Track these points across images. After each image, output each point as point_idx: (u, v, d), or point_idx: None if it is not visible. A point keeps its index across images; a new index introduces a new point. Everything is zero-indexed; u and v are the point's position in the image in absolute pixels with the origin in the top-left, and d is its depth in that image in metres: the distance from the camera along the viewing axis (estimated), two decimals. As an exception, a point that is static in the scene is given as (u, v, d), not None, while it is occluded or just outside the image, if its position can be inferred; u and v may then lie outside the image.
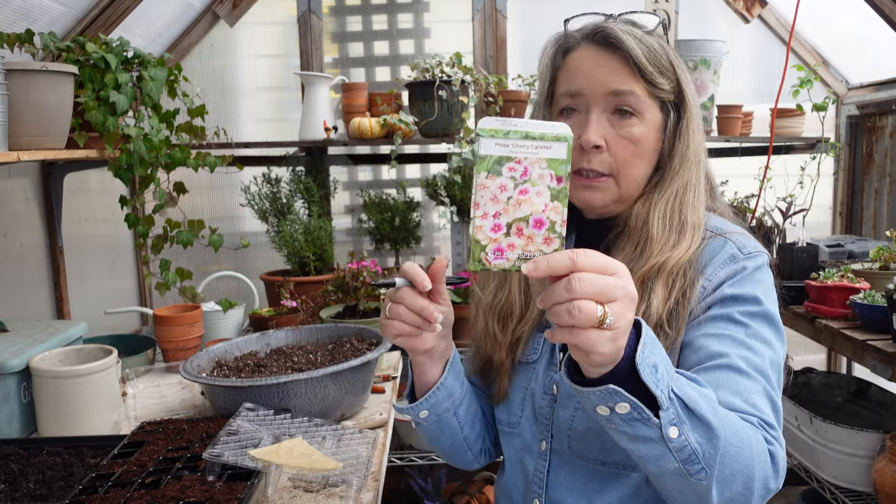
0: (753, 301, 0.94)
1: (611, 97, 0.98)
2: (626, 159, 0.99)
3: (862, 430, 1.98)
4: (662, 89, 0.99)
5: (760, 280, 0.97)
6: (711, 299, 0.96)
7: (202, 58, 2.87)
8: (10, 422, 1.47)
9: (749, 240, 1.01)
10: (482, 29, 2.85)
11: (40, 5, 1.96)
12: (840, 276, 2.01)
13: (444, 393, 1.04)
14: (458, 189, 2.61)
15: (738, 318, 0.93)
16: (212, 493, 1.11)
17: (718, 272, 0.97)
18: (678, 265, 0.97)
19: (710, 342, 0.92)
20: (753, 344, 0.91)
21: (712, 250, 1.00)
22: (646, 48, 0.98)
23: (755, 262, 0.98)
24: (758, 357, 0.91)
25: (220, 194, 2.95)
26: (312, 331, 1.84)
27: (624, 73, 0.97)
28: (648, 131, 1.00)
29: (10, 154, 1.50)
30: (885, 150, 2.80)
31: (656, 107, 1.00)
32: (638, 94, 0.98)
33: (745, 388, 0.87)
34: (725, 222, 1.05)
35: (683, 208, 1.01)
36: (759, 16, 2.92)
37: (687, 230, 1.00)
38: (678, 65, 1.02)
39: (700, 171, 1.04)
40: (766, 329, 0.94)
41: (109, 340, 2.02)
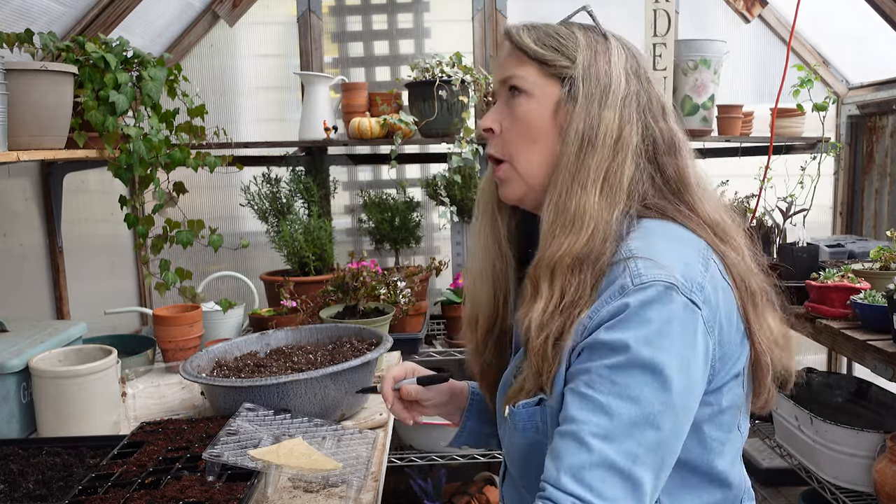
0: (623, 350, 0.81)
1: (503, 84, 1.00)
2: (513, 139, 0.98)
3: (862, 431, 1.98)
4: (556, 64, 0.96)
5: (645, 320, 0.82)
6: (588, 342, 0.85)
7: (202, 58, 2.86)
8: (10, 422, 1.47)
9: (652, 266, 0.85)
10: (482, 29, 2.85)
11: (40, 5, 1.96)
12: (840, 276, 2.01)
13: (467, 435, 1.21)
14: (458, 189, 2.61)
15: (603, 372, 0.82)
16: (212, 494, 1.11)
17: (603, 308, 0.85)
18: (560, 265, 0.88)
19: (571, 401, 0.84)
20: (612, 406, 0.81)
21: (609, 280, 0.87)
22: (539, 33, 0.99)
23: (644, 295, 0.83)
24: (613, 422, 0.80)
25: (219, 194, 2.95)
26: (312, 331, 1.84)
27: (513, 59, 0.99)
28: (538, 107, 0.96)
29: (9, 154, 1.50)
30: (885, 150, 2.80)
31: (553, 83, 0.96)
32: (523, 74, 0.97)
33: (579, 463, 0.80)
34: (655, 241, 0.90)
35: (567, 196, 0.91)
36: (759, 15, 2.92)
37: (569, 221, 0.90)
38: (587, 43, 0.97)
39: (601, 153, 0.92)
40: (636, 383, 0.81)
41: (109, 340, 2.01)
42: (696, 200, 0.97)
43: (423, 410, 1.18)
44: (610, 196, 0.91)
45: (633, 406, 0.81)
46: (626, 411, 0.81)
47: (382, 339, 1.69)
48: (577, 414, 0.82)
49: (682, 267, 0.86)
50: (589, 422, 0.81)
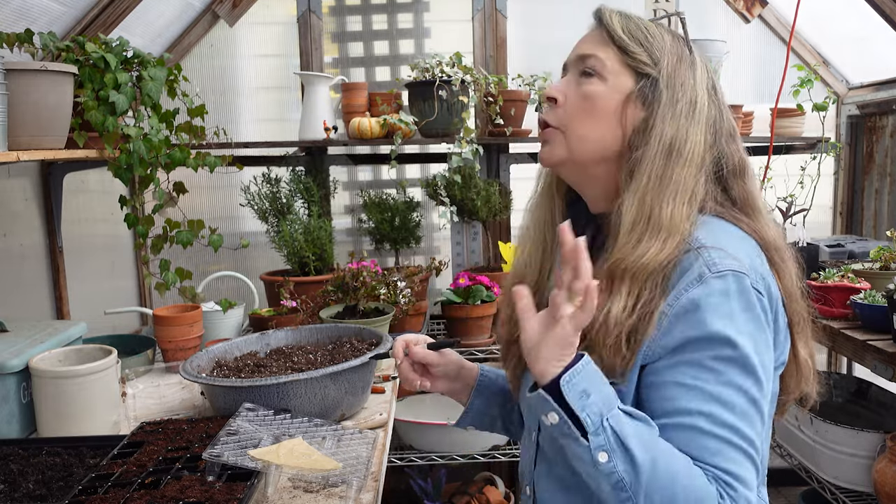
0: (725, 343, 0.87)
1: (579, 61, 1.02)
2: (574, 113, 1.01)
3: (862, 431, 1.98)
4: (635, 57, 0.99)
5: (731, 309, 0.88)
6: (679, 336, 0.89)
7: (202, 57, 2.86)
8: (10, 422, 1.47)
9: (727, 257, 0.90)
10: (482, 29, 2.85)
11: (40, 5, 1.96)
12: (840, 276, 2.01)
13: (474, 414, 1.24)
14: (458, 189, 2.61)
15: (708, 364, 0.88)
16: (211, 494, 1.11)
17: (682, 295, 0.89)
18: (643, 270, 0.91)
19: (678, 394, 0.89)
20: (722, 393, 0.87)
21: (682, 269, 0.91)
22: (630, 23, 1.01)
23: (723, 283, 0.88)
24: (726, 411, 0.87)
25: (219, 194, 2.95)
26: (312, 331, 1.84)
27: (597, 40, 1.02)
28: (608, 92, 0.99)
29: (9, 154, 1.50)
30: (885, 150, 2.80)
31: (628, 75, 0.99)
32: (602, 57, 1.00)
33: (707, 450, 0.87)
34: (719, 233, 0.95)
35: (653, 202, 0.94)
36: (759, 15, 2.92)
37: (660, 231, 0.92)
38: (673, 51, 1.00)
39: (687, 168, 0.96)
40: (738, 374, 0.88)
41: (109, 340, 2.01)
42: (762, 223, 1.01)
43: (433, 379, 1.20)
44: (691, 207, 0.95)
45: (739, 393, 0.87)
46: (735, 399, 0.87)
47: (382, 339, 1.69)
48: (689, 405, 0.88)
49: (747, 258, 0.92)
50: (704, 411, 0.87)
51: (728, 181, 1.02)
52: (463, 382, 1.23)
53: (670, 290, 0.91)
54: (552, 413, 0.84)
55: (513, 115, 2.63)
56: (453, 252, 2.97)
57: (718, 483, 0.86)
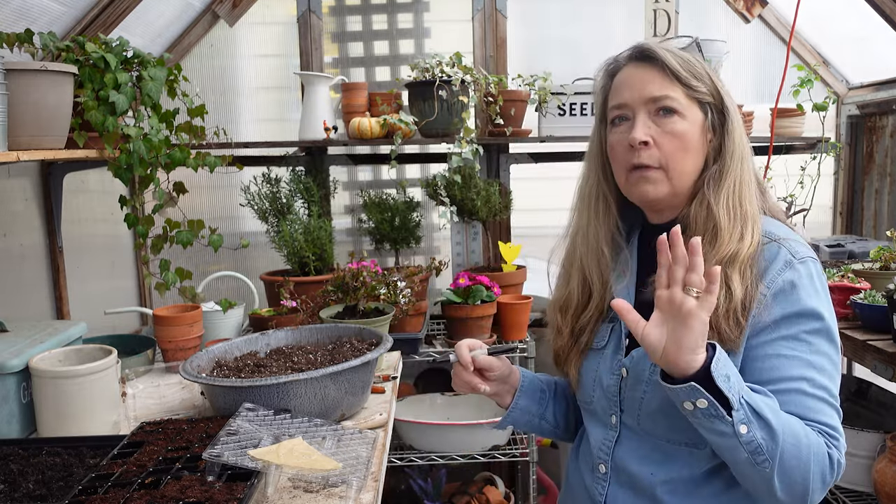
0: (815, 317, 1.06)
1: (651, 102, 1.13)
2: (672, 152, 1.12)
3: (862, 431, 1.98)
4: (699, 91, 1.13)
5: (816, 288, 1.08)
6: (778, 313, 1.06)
7: (202, 57, 2.86)
8: (10, 422, 1.47)
9: (801, 245, 1.11)
10: (482, 29, 2.85)
11: (40, 5, 1.96)
12: (840, 276, 2.01)
13: (517, 413, 1.34)
14: (458, 189, 2.61)
15: (803, 337, 1.06)
16: (211, 494, 1.11)
17: (776, 279, 1.07)
18: (746, 257, 1.08)
19: (781, 364, 1.05)
20: (817, 361, 1.05)
21: (769, 256, 1.09)
22: (679, 58, 1.13)
23: (808, 267, 1.08)
24: (821, 375, 1.05)
25: (219, 194, 2.95)
26: (312, 331, 1.84)
27: (661, 79, 1.13)
28: (691, 127, 1.13)
29: (9, 154, 1.50)
30: (885, 150, 2.80)
31: (696, 107, 1.14)
32: (675, 96, 1.12)
33: (812, 409, 1.04)
34: (778, 226, 1.15)
35: (743, 200, 1.12)
36: (759, 15, 2.92)
37: (749, 222, 1.11)
38: (712, 72, 1.16)
39: (749, 168, 1.16)
40: (825, 343, 1.06)
41: (109, 340, 2.01)
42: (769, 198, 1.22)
43: (487, 382, 1.30)
44: (756, 199, 1.16)
45: (827, 359, 1.06)
46: (825, 363, 1.06)
47: (382, 339, 1.69)
48: (792, 372, 1.05)
49: (808, 246, 1.13)
50: (803, 376, 1.04)
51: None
52: (510, 384, 1.33)
53: (761, 273, 1.08)
54: (701, 399, 0.95)
55: (513, 115, 2.63)
56: (453, 252, 2.97)
57: (824, 436, 1.03)
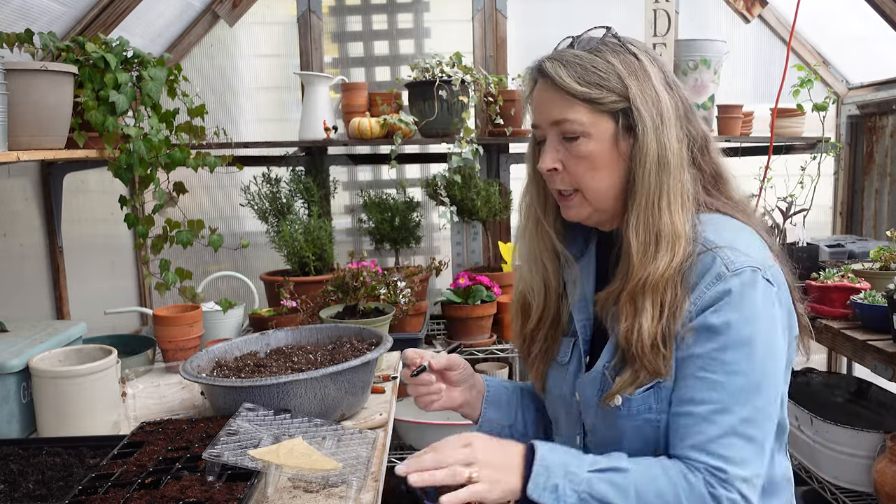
0: (731, 331, 0.96)
1: (555, 126, 1.05)
2: (582, 174, 1.05)
3: (862, 431, 1.98)
4: (604, 102, 1.02)
5: (748, 301, 0.96)
6: (697, 324, 0.97)
7: (202, 57, 2.86)
8: (10, 422, 1.47)
9: (740, 253, 0.99)
10: (482, 29, 2.85)
11: (40, 5, 1.96)
12: (840, 276, 2.01)
13: (488, 425, 1.26)
14: (458, 189, 2.61)
15: (714, 355, 0.96)
16: (211, 494, 1.11)
17: (705, 294, 0.98)
18: (662, 280, 0.98)
19: (688, 384, 0.98)
20: (727, 382, 0.95)
21: (702, 268, 0.99)
22: (577, 68, 1.02)
23: (740, 279, 0.97)
24: (729, 397, 0.95)
25: (219, 194, 2.95)
26: (312, 331, 1.84)
27: (560, 101, 1.03)
28: (599, 145, 1.03)
29: (9, 154, 1.50)
30: (885, 150, 2.80)
31: (606, 119, 1.03)
32: (575, 118, 1.02)
33: (711, 438, 0.95)
34: (723, 228, 1.04)
35: (655, 217, 1.01)
36: (759, 15, 2.92)
37: (663, 242, 1.00)
38: (627, 72, 1.02)
39: (675, 173, 1.02)
40: (741, 357, 0.95)
41: (109, 340, 2.01)
42: (732, 189, 1.10)
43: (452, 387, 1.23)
44: (685, 209, 1.02)
45: (742, 378, 0.95)
46: (737, 383, 0.95)
47: (382, 339, 1.69)
48: (695, 395, 0.97)
49: (756, 252, 1.01)
50: (708, 400, 0.95)
51: (700, 161, 1.07)
52: (477, 390, 1.27)
53: (691, 289, 0.99)
54: None
55: (513, 115, 2.63)
56: (453, 252, 2.97)
57: (709, 474, 0.94)
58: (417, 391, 1.21)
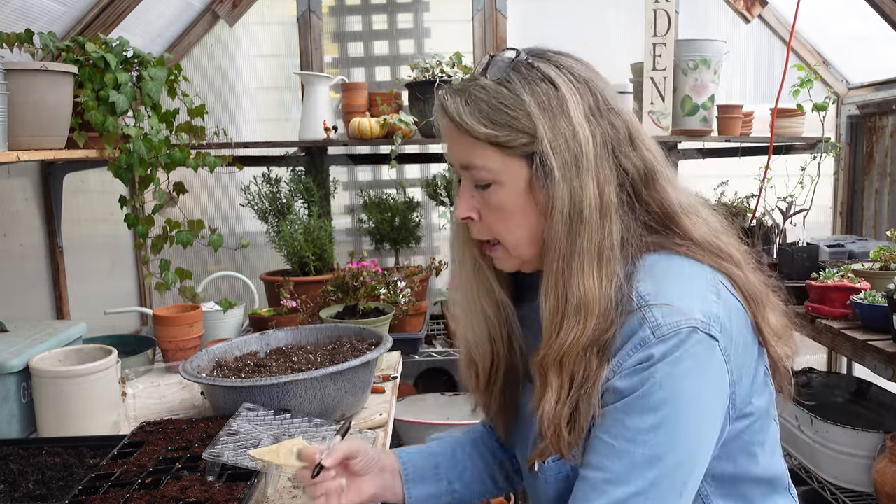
0: (640, 396, 0.83)
1: (464, 170, 0.93)
2: (494, 225, 0.93)
3: (862, 431, 1.98)
4: (513, 145, 0.88)
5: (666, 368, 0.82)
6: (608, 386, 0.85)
7: (202, 57, 2.86)
8: (10, 422, 1.47)
9: (672, 312, 0.83)
10: (482, 29, 2.85)
11: (40, 5, 1.96)
12: (840, 276, 2.01)
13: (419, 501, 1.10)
14: (458, 189, 2.61)
15: (617, 417, 0.84)
16: (211, 494, 1.11)
17: (625, 361, 0.84)
18: (570, 354, 0.86)
19: (591, 445, 0.87)
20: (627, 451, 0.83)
21: (628, 331, 0.85)
22: (481, 104, 0.88)
23: (667, 346, 0.82)
24: (625, 467, 0.83)
25: (219, 194, 2.95)
26: (312, 331, 1.84)
27: (466, 142, 0.90)
28: (512, 193, 0.90)
29: (9, 154, 1.50)
30: (885, 150, 2.80)
31: (518, 162, 0.89)
32: (482, 164, 0.90)
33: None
34: (666, 277, 0.88)
35: (565, 281, 0.87)
36: (759, 16, 2.92)
37: (571, 310, 0.86)
38: (538, 105, 0.87)
39: (590, 227, 0.87)
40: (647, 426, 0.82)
41: (109, 340, 2.01)
42: (688, 227, 0.93)
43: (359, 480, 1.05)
44: (608, 268, 0.87)
45: (645, 448, 0.83)
46: (637, 453, 0.83)
47: (382, 339, 1.69)
48: (592, 459, 0.86)
49: (700, 304, 0.85)
50: (603, 467, 0.85)
51: (643, 197, 0.92)
52: (389, 471, 1.09)
53: (614, 353, 0.86)
54: None
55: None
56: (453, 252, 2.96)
57: None
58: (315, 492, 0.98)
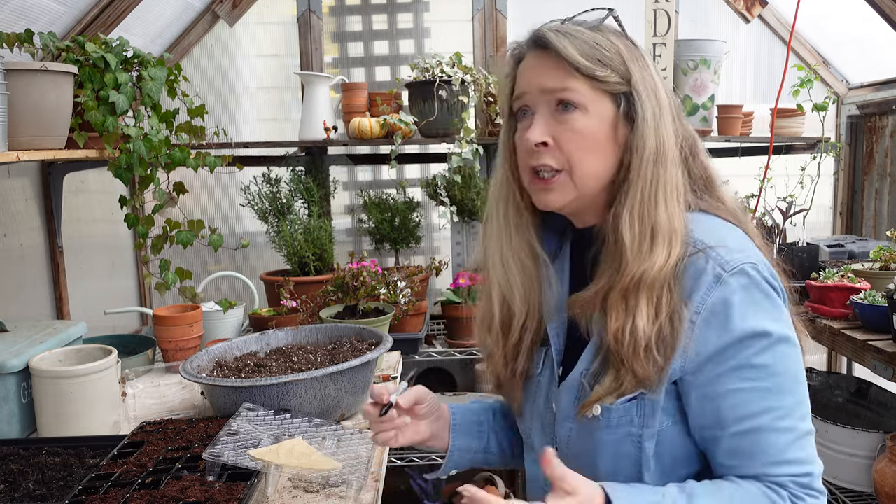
0: (762, 336, 0.90)
1: (549, 94, 0.97)
2: (573, 152, 0.97)
3: (862, 431, 1.98)
4: (607, 81, 0.96)
5: (755, 299, 0.91)
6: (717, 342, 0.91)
7: (202, 58, 2.86)
8: (10, 422, 1.47)
9: (734, 251, 0.93)
10: (482, 29, 2.85)
11: (40, 5, 1.96)
12: (840, 277, 2.01)
13: (457, 455, 1.18)
14: (458, 189, 2.61)
15: (754, 362, 0.90)
16: (212, 493, 1.11)
17: (706, 300, 0.91)
18: (659, 277, 0.92)
19: (739, 400, 0.91)
20: (776, 384, 0.91)
21: (695, 272, 0.92)
22: (581, 43, 0.96)
23: (741, 279, 0.91)
24: (783, 397, 0.91)
25: (219, 194, 2.95)
26: (312, 331, 1.84)
27: (559, 71, 0.96)
28: (595, 123, 0.96)
29: (9, 154, 1.50)
30: (885, 150, 2.80)
31: (606, 100, 0.97)
32: (575, 88, 0.96)
33: (776, 448, 0.91)
34: (714, 228, 0.98)
35: (651, 210, 0.94)
36: (759, 15, 2.92)
37: (659, 237, 0.93)
38: (629, 55, 0.97)
39: (671, 168, 0.96)
40: (781, 358, 0.91)
41: (109, 340, 2.01)
42: (722, 194, 1.04)
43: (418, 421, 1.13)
44: (680, 205, 0.97)
45: (788, 378, 0.91)
46: (786, 382, 0.91)
47: (382, 339, 1.69)
48: (749, 408, 0.90)
49: (749, 249, 0.96)
50: (766, 409, 0.90)
51: (688, 160, 1.02)
52: (443, 419, 1.18)
53: (688, 294, 0.92)
54: None
55: (513, 115, 2.63)
56: (453, 252, 2.97)
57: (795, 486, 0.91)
58: (381, 428, 1.09)
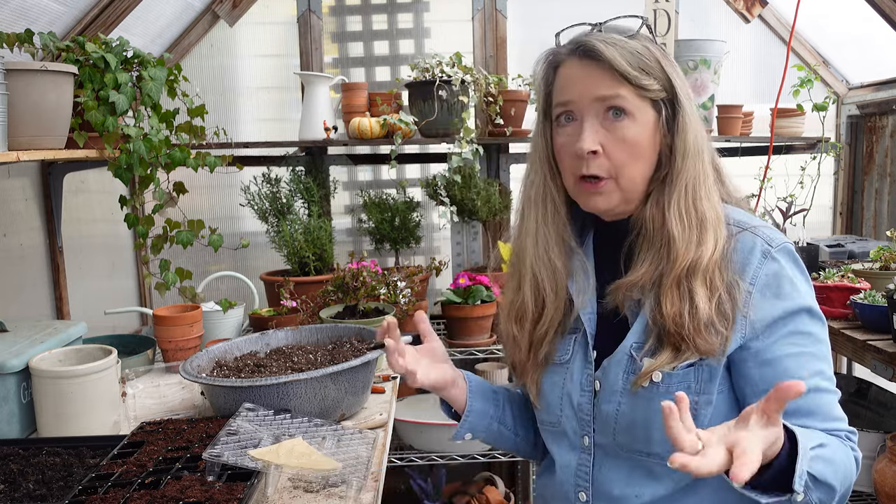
0: (807, 307, 1.02)
1: (599, 102, 1.02)
2: (623, 161, 1.03)
3: (862, 431, 1.97)
4: (651, 89, 1.02)
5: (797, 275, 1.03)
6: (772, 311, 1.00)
7: (202, 58, 2.86)
8: (10, 422, 1.47)
9: (773, 231, 1.05)
10: (482, 29, 2.85)
11: (39, 5, 1.96)
12: (840, 276, 2.01)
13: (474, 417, 1.20)
14: (458, 189, 2.61)
15: (803, 329, 1.01)
16: (212, 494, 1.11)
17: (759, 273, 1.01)
18: (711, 263, 1.00)
19: (792, 364, 1.00)
20: (820, 350, 1.02)
21: (744, 248, 1.03)
22: (627, 53, 1.02)
23: (787, 255, 1.03)
24: (824, 362, 1.02)
25: (219, 194, 2.95)
26: (312, 331, 1.84)
27: (609, 79, 1.02)
28: (643, 131, 1.03)
29: (9, 154, 1.50)
30: (885, 150, 2.80)
31: (648, 106, 1.03)
32: (625, 95, 1.01)
33: (828, 406, 1.01)
34: (746, 214, 1.08)
35: (697, 204, 1.03)
36: (759, 15, 2.92)
37: (707, 226, 1.02)
38: (665, 62, 1.04)
39: (704, 163, 1.05)
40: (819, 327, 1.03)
41: (109, 340, 2.01)
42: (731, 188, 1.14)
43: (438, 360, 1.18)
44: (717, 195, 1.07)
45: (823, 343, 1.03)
46: (824, 349, 1.03)
47: (382, 339, 1.69)
48: (804, 371, 0.99)
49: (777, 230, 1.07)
50: (816, 372, 1.00)
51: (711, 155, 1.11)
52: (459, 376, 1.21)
53: (740, 268, 1.02)
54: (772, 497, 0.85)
55: (513, 115, 2.63)
56: (453, 252, 2.97)
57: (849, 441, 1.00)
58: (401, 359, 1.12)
